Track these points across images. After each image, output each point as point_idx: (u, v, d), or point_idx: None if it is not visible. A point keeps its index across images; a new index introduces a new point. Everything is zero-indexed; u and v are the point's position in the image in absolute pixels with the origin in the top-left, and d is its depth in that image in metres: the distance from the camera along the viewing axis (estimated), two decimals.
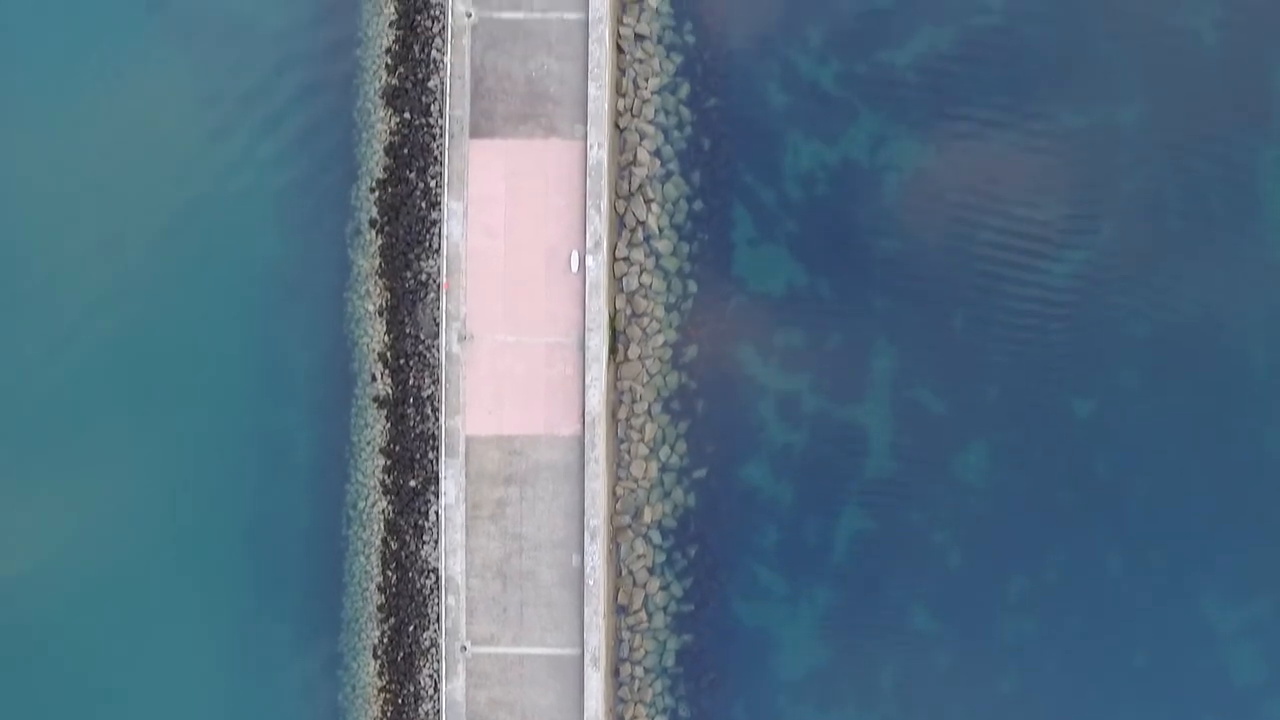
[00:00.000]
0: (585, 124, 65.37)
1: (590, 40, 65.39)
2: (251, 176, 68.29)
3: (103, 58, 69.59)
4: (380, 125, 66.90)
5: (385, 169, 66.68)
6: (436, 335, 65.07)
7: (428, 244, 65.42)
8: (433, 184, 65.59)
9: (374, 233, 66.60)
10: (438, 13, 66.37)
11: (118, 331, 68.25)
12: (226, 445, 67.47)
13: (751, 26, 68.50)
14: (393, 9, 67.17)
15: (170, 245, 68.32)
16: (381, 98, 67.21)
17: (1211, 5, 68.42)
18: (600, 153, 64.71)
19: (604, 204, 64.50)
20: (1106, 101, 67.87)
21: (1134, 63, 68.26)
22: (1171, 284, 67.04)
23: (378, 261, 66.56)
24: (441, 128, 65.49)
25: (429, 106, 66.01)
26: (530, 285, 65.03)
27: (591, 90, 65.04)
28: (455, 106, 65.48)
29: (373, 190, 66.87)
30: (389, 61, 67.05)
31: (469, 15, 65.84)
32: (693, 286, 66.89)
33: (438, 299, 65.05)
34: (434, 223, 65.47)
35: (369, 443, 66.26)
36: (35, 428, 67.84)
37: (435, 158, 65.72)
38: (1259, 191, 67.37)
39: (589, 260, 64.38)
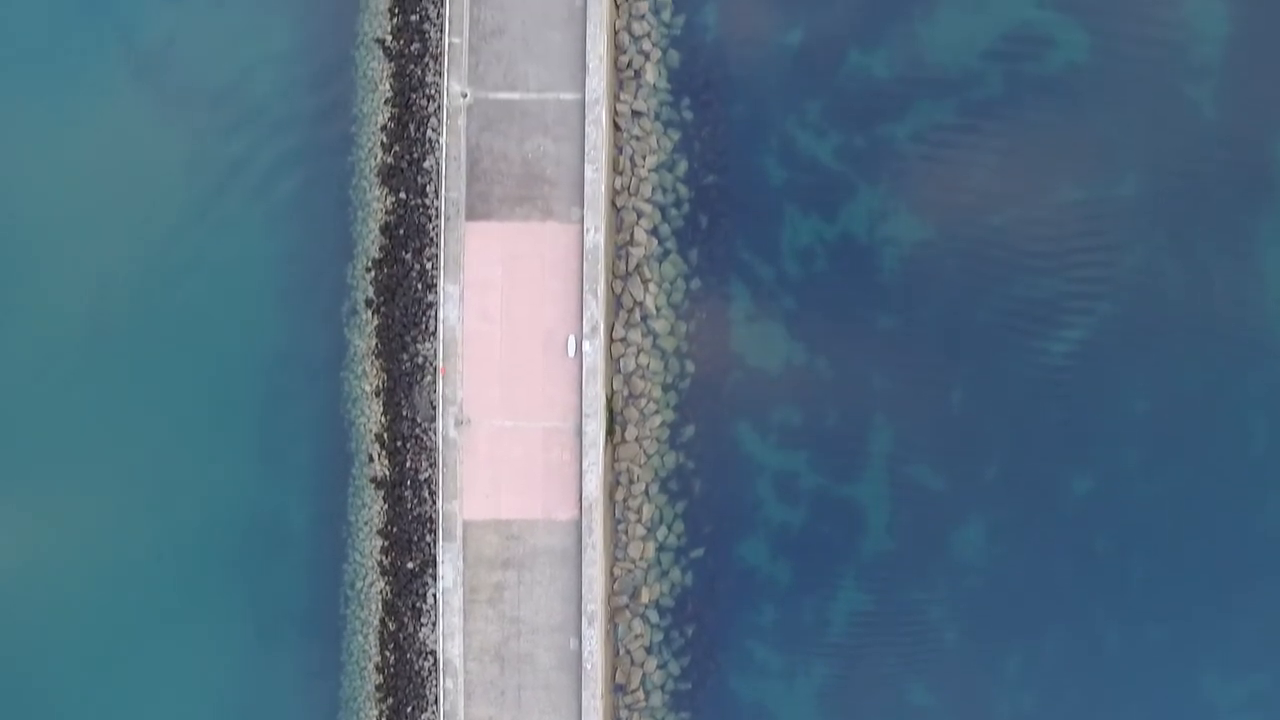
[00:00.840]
0: (582, 207, 64.48)
1: (587, 122, 64.87)
2: (244, 250, 67.98)
3: (92, 127, 68.82)
4: (376, 204, 66.39)
5: (381, 249, 66.15)
6: (433, 419, 64.88)
7: (424, 326, 65.09)
8: (429, 266, 65.11)
9: (370, 313, 66.20)
10: (433, 91, 65.72)
11: (112, 408, 67.33)
12: (224, 522, 67.34)
13: (750, 101, 67.97)
14: (388, 86, 66.57)
15: (161, 319, 68.13)
16: (377, 176, 66.58)
17: (1212, 76, 67.12)
18: (597, 237, 64.32)
19: (601, 289, 64.32)
20: (1106, 175, 67.28)
21: (1134, 135, 67.89)
22: (1171, 359, 66.39)
23: (374, 342, 66.17)
24: (437, 209, 65.02)
25: (424, 187, 65.50)
26: (527, 370, 64.76)
27: (588, 173, 64.61)
28: (451, 189, 64.94)
29: (368, 270, 66.39)
30: (384, 139, 66.43)
31: (464, 95, 65.33)
32: (690, 366, 66.67)
33: (434, 382, 64.86)
34: (430, 305, 65.08)
35: (366, 523, 66.20)
36: (33, 514, 66.91)
37: (431, 239, 65.25)
38: (1260, 264, 66.70)
39: (586, 346, 64.17)
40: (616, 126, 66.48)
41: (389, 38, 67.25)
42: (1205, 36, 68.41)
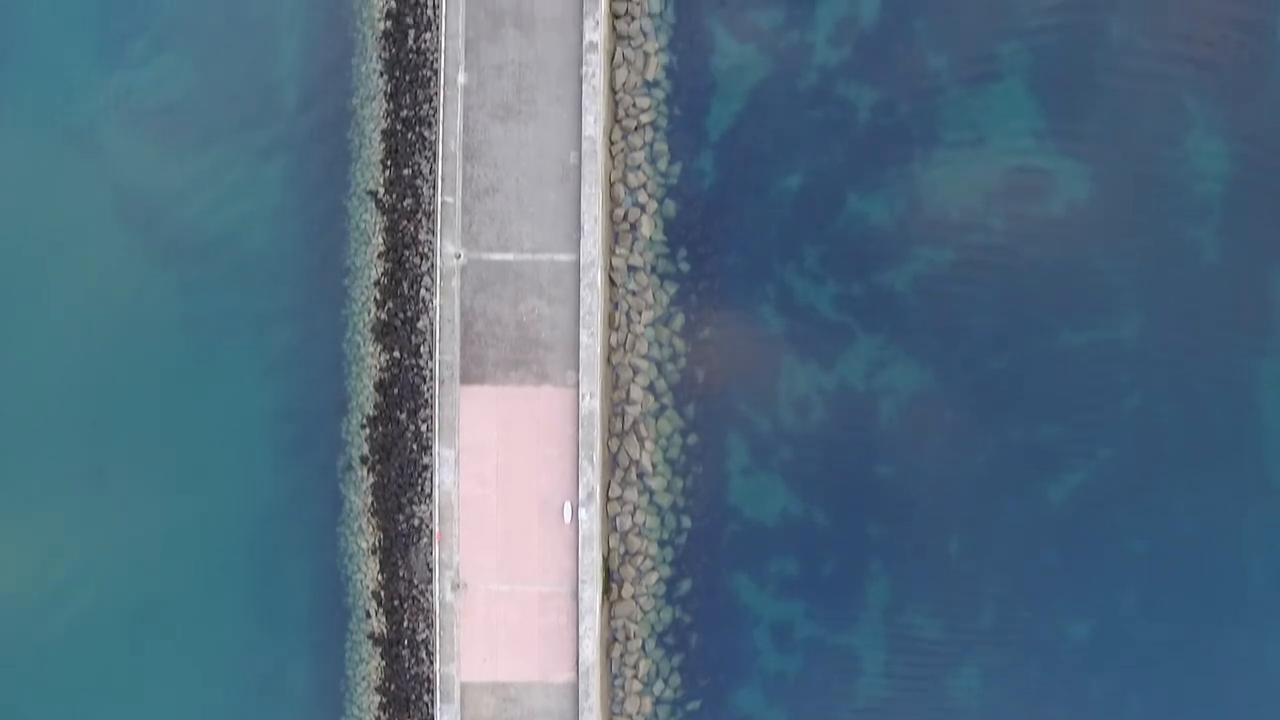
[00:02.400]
0: (578, 371, 64.27)
1: (582, 285, 64.63)
2: (239, 402, 67.79)
3: (85, 277, 68.39)
4: (370, 360, 66.22)
5: (375, 406, 66.05)
6: (430, 581, 65.15)
7: (420, 488, 65.13)
8: (423, 428, 65.03)
9: (365, 470, 66.19)
10: (426, 250, 65.34)
11: (109, 562, 67.46)
12: (221, 675, 67.40)
13: (747, 249, 67.62)
14: (380, 240, 66.14)
15: (159, 469, 68.25)
16: (371, 332, 66.31)
17: (1212, 215, 66.64)
18: (593, 402, 64.21)
19: (597, 455, 64.41)
20: (1106, 318, 67.03)
21: (1134, 276, 67.59)
22: (1171, 503, 66.42)
23: (370, 500, 66.26)
24: (432, 370, 64.85)
25: (418, 347, 65.25)
26: (523, 535, 64.94)
27: (583, 338, 64.42)
28: (445, 351, 64.78)
29: (363, 427, 66.35)
30: (378, 295, 66.15)
31: (458, 256, 64.94)
32: (686, 521, 66.86)
33: (430, 545, 64.88)
34: (425, 467, 65.11)
35: (364, 679, 66.67)
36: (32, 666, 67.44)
37: (426, 401, 65.10)
38: (1260, 407, 66.48)
39: (582, 513, 64.41)
40: (612, 282, 65.97)
41: (381, 190, 66.60)
42: (1206, 175, 67.50)
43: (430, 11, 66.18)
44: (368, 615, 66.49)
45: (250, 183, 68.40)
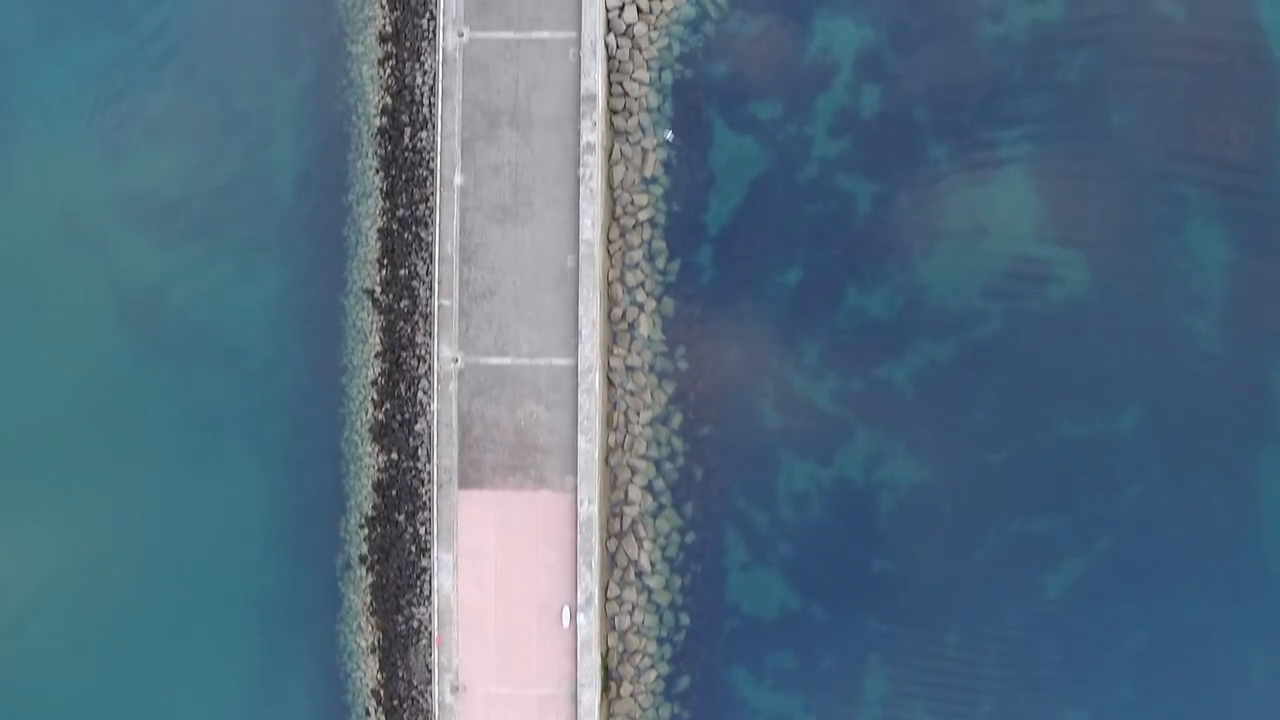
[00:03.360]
0: (575, 476, 64.28)
1: (580, 390, 64.57)
2: (236, 498, 67.65)
3: (82, 369, 68.21)
4: (368, 460, 66.25)
5: (374, 507, 66.12)
6: (429, 682, 65.47)
7: (419, 590, 65.34)
8: (422, 530, 65.15)
9: (364, 570, 66.42)
10: (423, 352, 65.23)
11: (112, 661, 67.61)
12: None
13: (746, 347, 67.60)
14: (377, 340, 66.04)
15: (159, 565, 68.19)
16: (369, 432, 66.36)
17: (1212, 306, 66.46)
18: (591, 508, 64.32)
19: (595, 559, 64.64)
20: (1106, 409, 67.15)
21: (1134, 367, 67.38)
22: (1170, 595, 66.56)
23: (369, 600, 66.47)
24: (430, 474, 64.91)
25: (416, 450, 65.28)
26: (522, 638, 65.19)
27: (581, 444, 64.41)
28: (443, 456, 64.83)
29: (362, 527, 66.49)
30: (375, 395, 66.13)
31: (455, 360, 64.84)
32: (685, 619, 67.09)
33: (429, 648, 65.08)
34: (424, 570, 65.32)
35: None
36: None
37: (424, 504, 65.20)
38: (1260, 498, 66.45)
39: (580, 617, 64.59)
40: (610, 382, 65.86)
41: (378, 290, 66.47)
42: (1205, 265, 67.00)
43: (426, 110, 65.58)
44: (367, 714, 66.96)
45: (246, 277, 68.27)
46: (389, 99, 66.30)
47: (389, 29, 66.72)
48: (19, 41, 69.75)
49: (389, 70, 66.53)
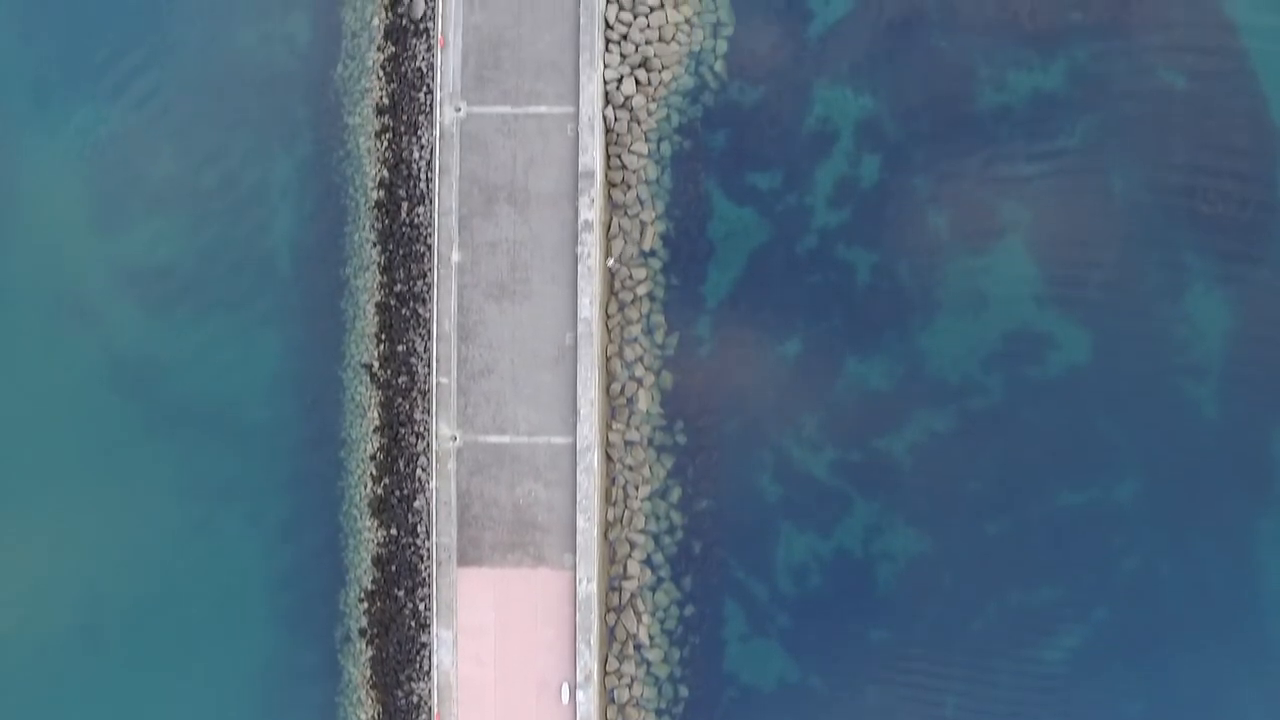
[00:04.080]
0: (574, 554, 64.46)
1: (578, 470, 64.64)
2: (236, 570, 67.93)
3: (83, 445, 68.16)
4: (367, 534, 66.40)
5: (374, 581, 66.35)
6: None
7: (418, 666, 65.61)
8: (421, 606, 65.39)
9: (364, 643, 66.76)
10: (421, 429, 65.29)
11: None
12: None
13: (744, 418, 67.59)
14: (376, 415, 66.15)
15: (159, 639, 68.44)
16: (368, 506, 66.60)
17: (1212, 373, 66.66)
18: (590, 586, 64.52)
19: (594, 637, 65.10)
20: (1104, 479, 67.28)
21: (1133, 435, 67.38)
22: (1169, 665, 66.73)
23: (369, 674, 66.80)
24: (429, 550, 65.14)
25: (415, 526, 65.48)
26: (521, 714, 65.93)
27: (580, 523, 64.60)
28: (442, 534, 65.07)
29: (361, 600, 66.73)
30: (374, 471, 66.17)
31: (454, 439, 64.88)
32: (684, 691, 67.45)
33: None
34: (424, 645, 65.58)
35: None
36: None
37: (423, 580, 65.44)
38: (1259, 566, 66.60)
39: (580, 694, 64.88)
40: (609, 457, 65.91)
41: (376, 364, 66.51)
42: (1205, 333, 67.04)
43: (423, 185, 65.41)
44: None
45: (245, 348, 68.42)
46: (386, 172, 65.92)
47: (386, 101, 66.33)
48: (15, 111, 68.75)
49: (386, 143, 66.13)
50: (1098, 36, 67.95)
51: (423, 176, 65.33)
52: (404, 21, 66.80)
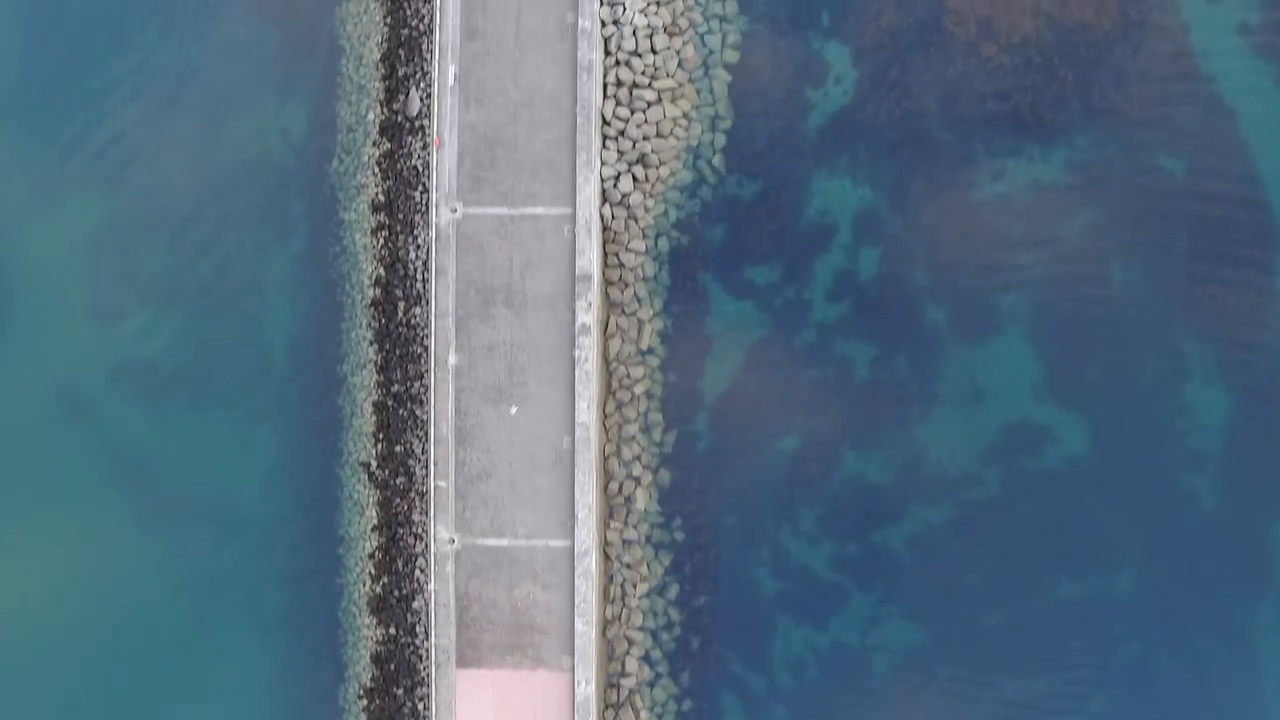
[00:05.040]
0: (573, 656, 64.93)
1: (577, 574, 65.09)
2: (232, 667, 68.16)
3: (75, 536, 68.71)
4: (366, 633, 66.89)
5: (373, 679, 66.96)
6: None
7: None
8: (420, 706, 66.07)
9: None
10: (420, 530, 65.64)
11: None
12: None
13: (742, 513, 67.96)
14: (374, 514, 66.45)
15: None
16: (367, 605, 66.98)
17: (1211, 465, 67.02)
18: (588, 688, 65.06)
19: None
20: (1102, 570, 67.65)
21: (1132, 528, 67.63)
22: None
23: None
24: (428, 650, 65.50)
25: (414, 626, 65.89)
26: None
27: (578, 626, 65.01)
28: (441, 635, 65.46)
29: (360, 698, 67.45)
30: (372, 569, 66.54)
31: (452, 541, 65.18)
32: None
33: None
34: None
35: None
36: None
37: (423, 679, 65.93)
38: (1260, 658, 67.07)
39: None
40: (607, 556, 66.32)
41: (374, 464, 66.55)
42: (1205, 424, 67.19)
43: (419, 285, 65.27)
44: None
45: (241, 444, 68.44)
46: (383, 270, 65.77)
47: (381, 199, 66.07)
48: (9, 200, 68.60)
49: (382, 240, 65.95)
50: (1098, 125, 67.57)
51: (419, 277, 65.08)
52: (399, 118, 66.38)
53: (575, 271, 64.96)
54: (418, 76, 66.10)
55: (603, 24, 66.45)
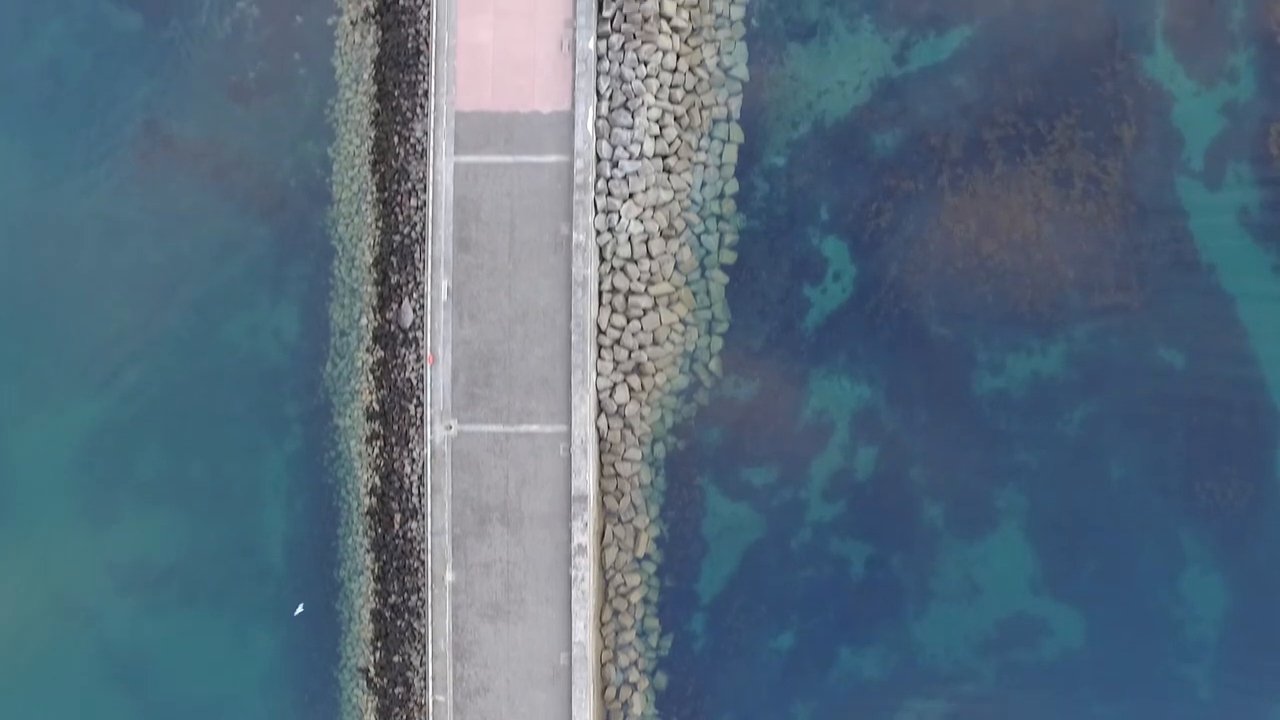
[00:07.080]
0: None
1: None
2: None
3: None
4: None
5: None
6: None
7: None
8: None
9: None
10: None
11: None
12: None
13: (739, 713, 68.66)
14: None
15: None
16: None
17: (1208, 655, 68.24)
18: None
19: None
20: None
21: (1130, 717, 68.00)
22: None
23: None
24: None
25: None
26: None
27: None
28: None
29: None
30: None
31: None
32: None
33: None
34: None
35: None
36: None
37: None
38: None
39: None
40: None
41: (372, 671, 67.25)
42: (1201, 616, 68.33)
43: (415, 500, 65.44)
44: None
45: (239, 647, 69.01)
46: (378, 480, 65.83)
47: (376, 407, 65.95)
48: (2, 403, 68.30)
49: (377, 450, 65.94)
50: (1095, 318, 67.06)
51: (415, 491, 65.11)
52: (392, 328, 65.74)
53: (571, 491, 64.65)
54: (410, 286, 65.48)
55: (598, 232, 65.53)
